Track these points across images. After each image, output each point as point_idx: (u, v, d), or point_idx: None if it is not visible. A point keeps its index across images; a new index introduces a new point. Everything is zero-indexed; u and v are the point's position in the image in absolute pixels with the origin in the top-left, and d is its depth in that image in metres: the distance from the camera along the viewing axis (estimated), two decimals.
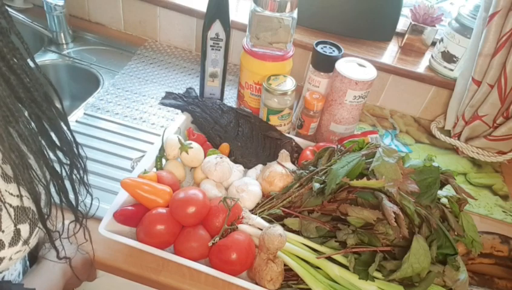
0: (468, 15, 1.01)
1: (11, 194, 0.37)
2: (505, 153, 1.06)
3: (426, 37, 1.15)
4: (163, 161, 0.82)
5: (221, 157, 0.80)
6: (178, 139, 0.81)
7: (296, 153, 0.90)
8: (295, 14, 0.88)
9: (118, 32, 1.25)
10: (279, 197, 0.76)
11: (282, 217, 0.73)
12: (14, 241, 0.38)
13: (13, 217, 0.37)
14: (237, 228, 0.70)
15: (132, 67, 1.14)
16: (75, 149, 0.45)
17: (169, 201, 0.70)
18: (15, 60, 0.36)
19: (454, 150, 1.10)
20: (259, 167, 0.86)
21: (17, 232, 0.38)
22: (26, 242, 0.40)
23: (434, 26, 1.13)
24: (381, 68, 1.08)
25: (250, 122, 0.93)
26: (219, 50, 0.94)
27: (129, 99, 1.03)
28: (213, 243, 0.68)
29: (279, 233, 0.64)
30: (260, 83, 0.95)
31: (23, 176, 0.37)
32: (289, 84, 0.91)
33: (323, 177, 0.73)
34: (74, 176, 0.47)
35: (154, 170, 0.81)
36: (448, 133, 1.12)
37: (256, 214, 0.73)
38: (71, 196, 0.47)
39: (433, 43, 1.15)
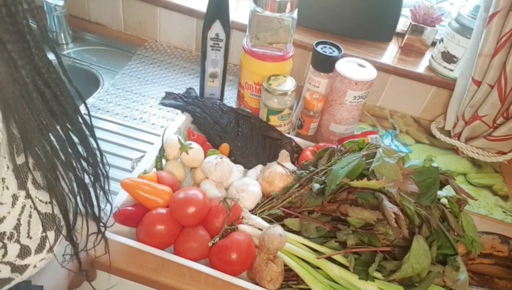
0: (468, 15, 1.01)
1: (41, 200, 0.37)
2: (505, 153, 1.06)
3: (426, 37, 1.15)
4: (163, 161, 0.82)
5: (221, 158, 0.80)
6: (178, 139, 0.81)
7: (296, 153, 0.90)
8: (295, 14, 0.88)
9: (118, 33, 1.25)
10: (279, 197, 0.76)
11: (282, 217, 0.73)
12: (40, 249, 0.38)
13: (41, 223, 0.37)
14: (237, 228, 0.70)
15: (132, 68, 1.14)
16: (99, 159, 0.46)
17: (169, 201, 0.70)
18: (49, 73, 0.37)
19: (454, 150, 1.10)
20: (259, 167, 0.86)
21: (43, 239, 0.38)
22: (51, 249, 0.40)
23: (434, 26, 1.13)
24: (381, 68, 1.08)
25: (250, 122, 0.93)
26: (219, 50, 0.94)
27: (129, 100, 1.03)
28: (213, 243, 0.68)
29: (279, 233, 0.64)
30: (260, 83, 0.95)
31: (55, 186, 0.37)
32: (289, 84, 0.91)
33: (323, 178, 0.73)
34: (96, 186, 0.47)
35: (154, 170, 0.81)
36: (448, 133, 1.12)
37: (256, 214, 0.73)
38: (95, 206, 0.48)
39: (433, 44, 1.15)
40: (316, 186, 0.71)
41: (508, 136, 1.02)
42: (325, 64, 0.94)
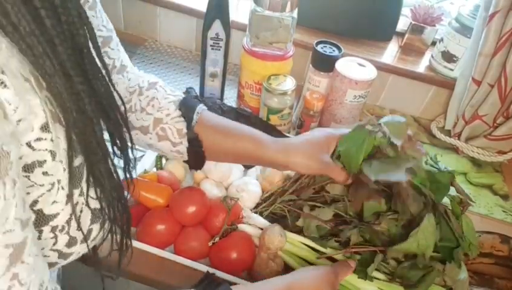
0: (468, 15, 1.01)
1: (91, 197, 0.40)
2: (505, 153, 1.06)
3: (426, 37, 1.15)
4: (163, 160, 0.82)
5: None
6: None
7: None
8: (295, 13, 0.88)
9: (118, 32, 1.24)
10: (279, 191, 0.75)
11: (284, 215, 0.73)
12: (85, 239, 0.41)
13: (89, 217, 0.41)
14: (237, 227, 0.70)
15: None
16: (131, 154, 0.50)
17: (169, 201, 0.70)
18: (99, 82, 0.39)
19: (454, 149, 1.10)
20: (259, 166, 0.86)
21: (90, 231, 0.42)
22: (94, 240, 0.43)
23: (434, 26, 1.13)
24: (381, 68, 1.08)
25: (250, 122, 0.93)
26: (219, 50, 0.94)
27: None
28: (213, 243, 0.68)
29: (280, 233, 0.64)
30: (260, 83, 0.95)
31: (104, 183, 0.41)
32: (289, 83, 0.91)
33: None
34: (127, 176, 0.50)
35: (154, 169, 0.81)
36: (448, 132, 1.12)
37: (257, 213, 0.73)
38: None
39: (433, 43, 1.15)
40: None
41: (508, 136, 1.02)
42: (325, 64, 0.94)
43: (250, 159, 0.62)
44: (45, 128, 0.33)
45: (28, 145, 0.33)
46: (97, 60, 0.38)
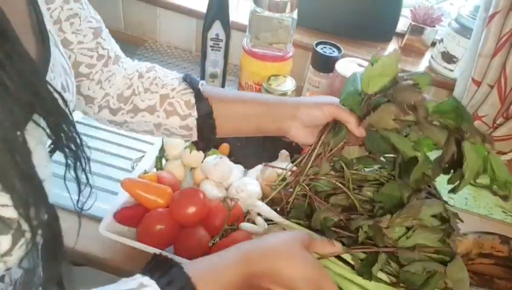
0: (468, 15, 1.01)
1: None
2: (505, 154, 1.06)
3: (426, 38, 1.15)
4: (163, 161, 0.82)
5: (220, 158, 0.80)
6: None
7: (296, 153, 0.90)
8: (295, 14, 0.88)
9: (118, 33, 1.25)
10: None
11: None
12: None
13: None
14: (237, 228, 0.70)
15: None
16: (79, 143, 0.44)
17: (169, 201, 0.70)
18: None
19: None
20: (259, 167, 0.86)
21: None
22: (5, 255, 0.36)
23: (434, 26, 1.13)
24: None
25: None
26: (219, 50, 0.94)
27: None
28: (213, 243, 0.68)
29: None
30: (260, 83, 0.95)
31: (16, 186, 0.34)
32: (289, 84, 0.91)
33: None
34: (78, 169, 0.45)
35: (154, 170, 0.81)
36: None
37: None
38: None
39: (433, 44, 1.15)
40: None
41: (508, 136, 1.02)
42: (325, 65, 0.94)
43: (260, 124, 0.61)
44: None
45: None
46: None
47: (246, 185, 0.78)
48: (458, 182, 0.59)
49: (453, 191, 0.60)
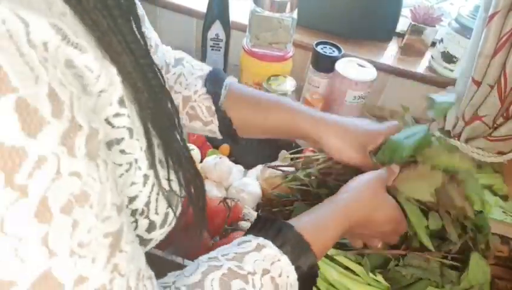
0: (468, 15, 1.01)
1: (166, 179, 0.38)
2: (504, 154, 1.06)
3: (426, 38, 1.15)
4: None
5: (220, 158, 0.80)
6: None
7: (296, 153, 0.90)
8: (295, 14, 0.88)
9: None
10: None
11: (293, 201, 0.70)
12: (163, 224, 0.40)
13: (166, 200, 0.39)
14: (237, 228, 0.70)
15: None
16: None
17: None
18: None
19: None
20: (259, 167, 0.86)
21: (167, 215, 0.40)
22: (170, 224, 0.42)
23: (434, 26, 1.13)
24: (381, 68, 1.08)
25: None
26: (219, 50, 0.94)
27: None
28: (213, 243, 0.68)
29: None
30: (260, 84, 0.95)
31: (177, 164, 0.38)
32: (289, 84, 0.91)
33: None
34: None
35: None
36: (448, 133, 1.12)
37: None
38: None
39: (433, 44, 1.15)
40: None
41: (508, 137, 1.01)
42: (325, 65, 0.94)
43: (282, 133, 0.61)
44: (122, 102, 0.30)
45: (107, 121, 0.30)
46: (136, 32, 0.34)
47: (246, 185, 0.78)
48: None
49: None
